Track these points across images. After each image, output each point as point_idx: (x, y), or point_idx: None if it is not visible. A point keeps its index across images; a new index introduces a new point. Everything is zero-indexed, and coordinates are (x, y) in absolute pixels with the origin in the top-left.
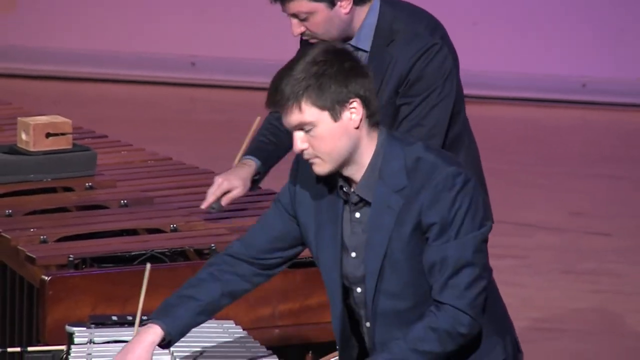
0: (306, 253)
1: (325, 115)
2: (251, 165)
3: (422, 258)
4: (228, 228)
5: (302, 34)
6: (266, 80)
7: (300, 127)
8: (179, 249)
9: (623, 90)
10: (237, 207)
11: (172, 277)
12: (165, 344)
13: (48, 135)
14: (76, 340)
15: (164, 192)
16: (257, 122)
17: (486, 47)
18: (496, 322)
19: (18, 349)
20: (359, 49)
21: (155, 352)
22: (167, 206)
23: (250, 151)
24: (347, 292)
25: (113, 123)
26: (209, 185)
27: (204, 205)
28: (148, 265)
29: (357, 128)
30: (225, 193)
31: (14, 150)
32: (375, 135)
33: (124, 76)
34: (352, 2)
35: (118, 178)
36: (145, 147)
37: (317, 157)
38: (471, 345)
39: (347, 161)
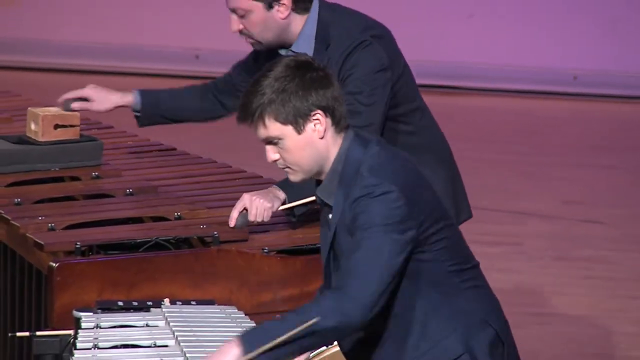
0: (306, 241)
1: (289, 129)
2: (127, 96)
3: None
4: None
5: (240, 32)
6: None
7: (269, 140)
8: (183, 237)
9: (613, 83)
10: (238, 197)
11: (176, 263)
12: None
13: (56, 126)
14: (83, 325)
15: (168, 181)
16: None
17: (481, 40)
18: (455, 312)
19: (27, 334)
20: None
21: (159, 336)
22: (171, 195)
23: (145, 90)
24: None
25: (119, 114)
26: (212, 174)
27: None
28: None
29: (322, 138)
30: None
31: (23, 140)
32: (341, 140)
33: (129, 69)
34: (290, 9)
35: (123, 168)
36: (150, 138)
37: (288, 166)
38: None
39: (318, 169)
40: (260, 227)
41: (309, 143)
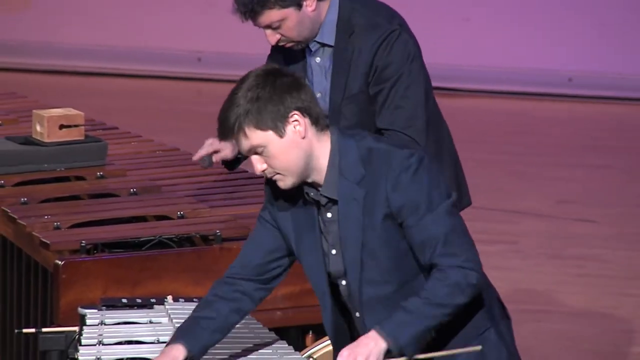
0: None
1: (270, 135)
2: None
3: (398, 243)
4: (232, 215)
5: (278, 42)
6: None
7: (253, 151)
8: (186, 235)
9: (607, 84)
10: (240, 196)
11: (179, 261)
12: None
13: (61, 126)
14: (88, 321)
15: (172, 181)
16: None
17: (477, 42)
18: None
19: (33, 330)
20: (324, 45)
21: (162, 332)
22: (174, 194)
23: None
24: (333, 287)
25: (123, 115)
26: (214, 174)
27: (195, 157)
28: None
29: (304, 137)
30: (216, 151)
31: (29, 141)
32: (326, 137)
33: (133, 71)
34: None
35: (128, 167)
36: (153, 138)
37: (277, 173)
38: (458, 317)
39: (307, 169)
40: None
41: (293, 145)
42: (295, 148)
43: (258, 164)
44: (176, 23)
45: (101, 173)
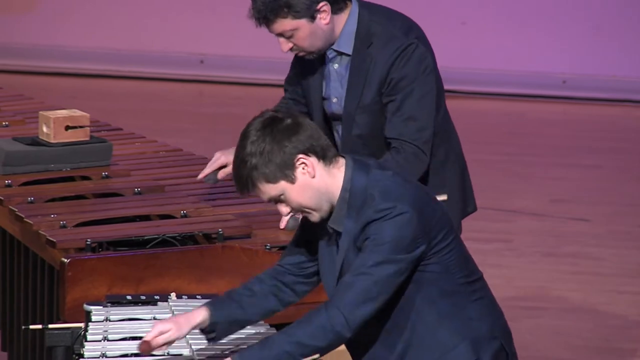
0: None
1: (282, 184)
2: None
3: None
4: (234, 214)
5: (291, 49)
6: (270, 76)
7: (273, 200)
8: (189, 234)
9: (600, 87)
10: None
11: (182, 259)
12: (210, 330)
13: (67, 127)
14: (93, 318)
15: (175, 180)
16: None
17: (474, 45)
18: (463, 324)
19: (39, 326)
20: (342, 53)
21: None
22: (177, 194)
23: None
24: None
25: (127, 116)
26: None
27: (200, 176)
28: None
29: (314, 177)
30: (221, 167)
31: (35, 142)
32: (339, 170)
33: (137, 73)
34: (330, 13)
35: (132, 168)
36: (157, 139)
37: (302, 211)
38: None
39: (328, 203)
40: (262, 224)
41: (305, 186)
42: (308, 189)
43: (282, 209)
44: (179, 26)
45: (106, 173)
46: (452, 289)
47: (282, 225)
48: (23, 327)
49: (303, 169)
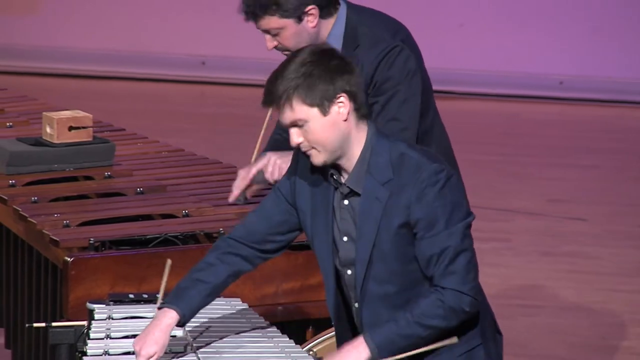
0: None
1: (314, 111)
2: None
3: (408, 249)
4: (235, 213)
5: (275, 48)
6: None
7: (294, 123)
8: (191, 233)
9: (597, 88)
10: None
11: (184, 258)
12: (180, 324)
13: (70, 128)
14: (96, 316)
15: (177, 180)
16: (269, 116)
17: (471, 47)
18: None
19: (43, 324)
20: None
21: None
22: (179, 193)
23: (268, 148)
24: (338, 273)
25: (130, 117)
26: (218, 174)
27: (231, 199)
28: (169, 262)
29: (346, 120)
30: (249, 186)
31: (39, 142)
32: (363, 129)
33: (140, 74)
34: (318, 17)
35: (134, 168)
36: (159, 140)
37: (313, 148)
38: (450, 332)
39: (340, 151)
40: None
41: (334, 124)
42: (335, 128)
43: (295, 137)
44: (181, 28)
45: (109, 173)
46: None
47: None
48: (27, 325)
49: (339, 107)
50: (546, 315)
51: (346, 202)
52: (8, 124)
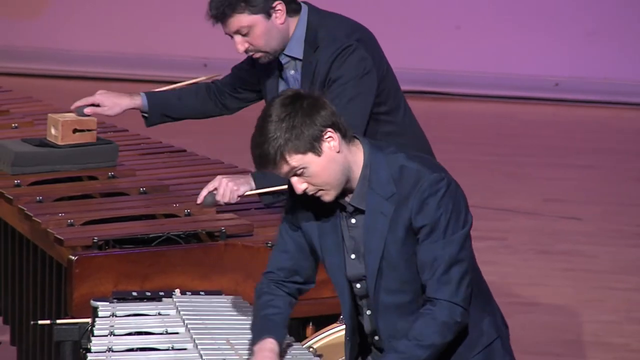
0: None
1: (309, 156)
2: (135, 99)
3: (416, 257)
4: (236, 213)
5: (247, 51)
6: None
7: (293, 173)
8: (193, 232)
9: (591, 89)
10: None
11: (186, 256)
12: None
13: (75, 131)
14: (100, 313)
15: (179, 180)
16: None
17: (468, 49)
18: (485, 304)
19: (48, 322)
20: (294, 58)
21: (170, 324)
22: (181, 193)
23: (151, 92)
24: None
25: (133, 118)
26: (220, 174)
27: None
28: None
29: (339, 152)
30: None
31: (44, 143)
32: (358, 149)
33: (141, 76)
34: (285, 13)
35: (137, 168)
36: (161, 140)
37: (320, 189)
38: (466, 329)
39: (346, 180)
40: (261, 223)
41: (331, 160)
42: (332, 163)
43: (298, 185)
44: (183, 30)
45: (112, 173)
46: (473, 266)
47: (199, 200)
48: (32, 322)
49: (329, 142)
50: (542, 312)
51: (353, 220)
52: (13, 125)
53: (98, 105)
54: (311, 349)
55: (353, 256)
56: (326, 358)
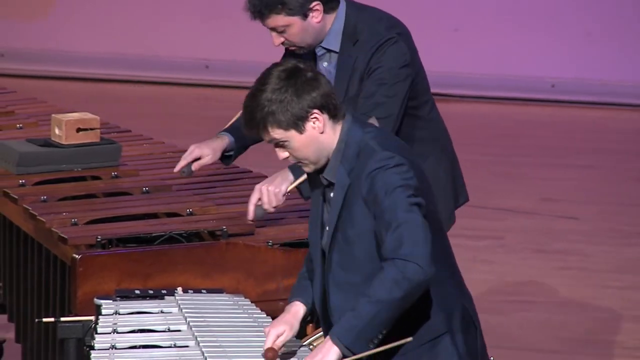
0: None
1: (291, 132)
2: (224, 139)
3: (372, 237)
4: (238, 212)
5: (282, 44)
6: None
7: (275, 143)
8: (195, 231)
9: (588, 91)
10: (244, 194)
11: (188, 255)
12: (307, 315)
13: (78, 130)
14: (103, 311)
15: (181, 180)
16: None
17: (466, 51)
18: (442, 297)
19: (52, 319)
20: (330, 51)
21: (172, 321)
22: (183, 193)
23: (227, 129)
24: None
25: (136, 119)
26: (221, 174)
27: (176, 169)
28: None
29: (323, 132)
30: (195, 160)
31: (48, 143)
32: (340, 126)
33: (145, 77)
34: (322, 12)
35: (140, 168)
36: (164, 141)
37: (299, 161)
38: (413, 315)
39: (325, 157)
40: (262, 222)
41: (312, 139)
42: (314, 142)
43: (280, 153)
44: (185, 33)
45: (115, 173)
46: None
47: (250, 216)
48: (36, 320)
49: (314, 123)
50: (539, 310)
51: (332, 194)
52: (18, 125)
53: (199, 158)
54: (311, 347)
55: (327, 228)
56: None
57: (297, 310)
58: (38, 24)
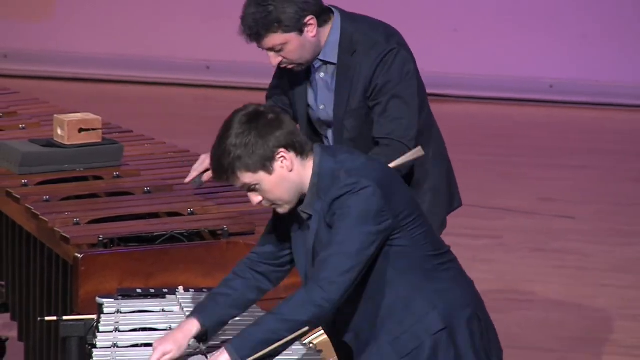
0: None
1: (261, 175)
2: None
3: None
4: (238, 212)
5: (279, 63)
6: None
7: (247, 188)
8: (196, 230)
9: (585, 91)
10: (245, 194)
11: (189, 254)
12: (203, 335)
13: (80, 130)
14: (105, 310)
15: (183, 180)
16: None
17: (465, 51)
18: (434, 292)
19: (54, 318)
20: (327, 62)
21: (174, 320)
22: (185, 192)
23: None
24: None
25: (137, 119)
26: None
27: (187, 180)
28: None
29: (292, 170)
30: (207, 170)
31: (50, 143)
32: (311, 161)
33: (144, 78)
34: (316, 26)
35: (142, 168)
36: (165, 141)
37: (273, 203)
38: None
39: (300, 194)
40: (264, 222)
41: (282, 179)
42: (284, 181)
43: (254, 197)
44: (186, 34)
45: (117, 173)
46: (422, 261)
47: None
48: (39, 318)
49: (282, 162)
50: (537, 309)
51: (312, 224)
52: (21, 126)
53: (209, 169)
54: (311, 345)
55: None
56: (326, 354)
57: (190, 329)
58: (38, 25)
